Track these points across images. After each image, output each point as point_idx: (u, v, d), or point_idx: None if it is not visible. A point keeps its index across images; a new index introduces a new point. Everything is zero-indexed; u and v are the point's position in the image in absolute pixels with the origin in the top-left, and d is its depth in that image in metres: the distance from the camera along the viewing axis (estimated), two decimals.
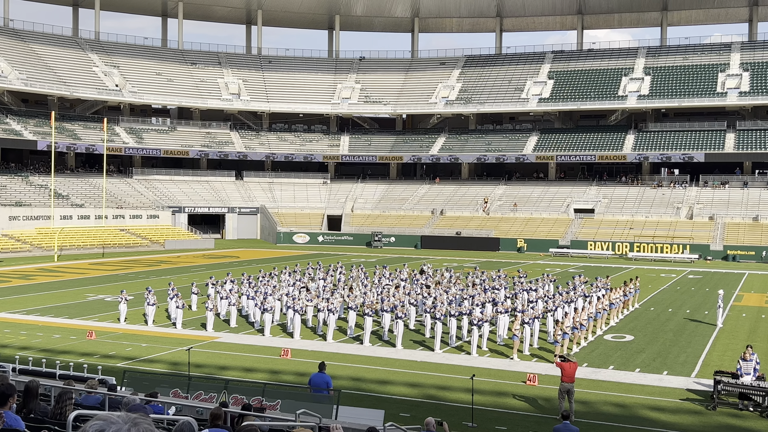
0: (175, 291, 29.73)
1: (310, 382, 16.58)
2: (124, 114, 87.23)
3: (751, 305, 35.00)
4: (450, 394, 19.24)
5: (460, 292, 31.25)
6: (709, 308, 33.56)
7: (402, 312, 25.65)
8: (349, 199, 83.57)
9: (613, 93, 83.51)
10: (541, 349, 24.68)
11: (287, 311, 27.99)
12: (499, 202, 78.71)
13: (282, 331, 27.91)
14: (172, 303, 29.39)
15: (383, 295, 29.32)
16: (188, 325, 28.56)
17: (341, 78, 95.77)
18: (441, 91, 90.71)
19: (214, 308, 28.43)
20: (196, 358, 21.77)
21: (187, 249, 67.24)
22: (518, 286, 33.48)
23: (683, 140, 78.04)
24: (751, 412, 17.80)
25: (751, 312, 32.98)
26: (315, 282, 36.22)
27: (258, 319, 28.40)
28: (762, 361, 21.97)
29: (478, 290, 31.29)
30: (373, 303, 27.58)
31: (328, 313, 26.47)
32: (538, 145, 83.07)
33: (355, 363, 22.64)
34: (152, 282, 42.31)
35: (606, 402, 18.70)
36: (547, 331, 26.21)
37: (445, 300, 28.73)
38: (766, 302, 36.23)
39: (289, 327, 27.53)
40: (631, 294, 33.13)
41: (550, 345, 24.47)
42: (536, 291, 31.75)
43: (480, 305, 27.90)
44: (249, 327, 28.58)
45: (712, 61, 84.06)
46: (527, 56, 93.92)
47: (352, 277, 37.09)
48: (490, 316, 25.81)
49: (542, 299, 29.82)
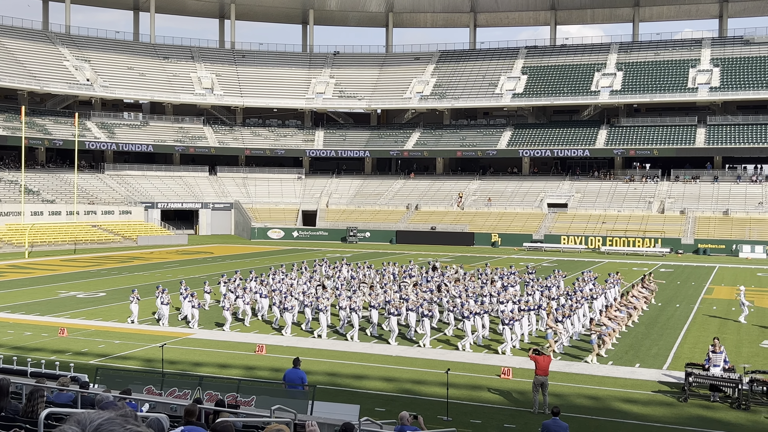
0: (189, 290, 28.96)
1: (285, 377, 16.54)
2: (96, 109, 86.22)
3: (721, 298, 35.50)
4: (425, 388, 19.31)
5: (479, 290, 30.38)
6: (680, 301, 34.01)
7: (428, 310, 24.98)
8: (324, 194, 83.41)
9: (586, 88, 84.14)
10: (573, 347, 24.16)
11: (304, 310, 27.33)
12: (473, 197, 79.02)
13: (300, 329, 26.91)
14: (186, 303, 28.36)
15: (402, 293, 28.57)
16: (203, 326, 27.43)
17: (315, 73, 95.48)
18: (415, 86, 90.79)
19: (232, 308, 27.45)
20: (169, 355, 21.62)
21: (160, 245, 66.73)
22: (535, 283, 32.22)
23: (655, 135, 78.88)
24: (721, 403, 18.07)
25: (721, 305, 33.45)
26: (331, 280, 35.22)
27: (277, 318, 27.39)
28: (732, 353, 22.33)
29: (497, 287, 30.51)
30: (398, 302, 26.49)
31: (351, 312, 25.67)
32: (512, 140, 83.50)
33: (331, 358, 22.61)
34: (125, 279, 41.94)
35: (579, 394, 18.87)
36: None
37: (471, 299, 27.79)
38: (736, 296, 36.76)
39: (306, 326, 26.77)
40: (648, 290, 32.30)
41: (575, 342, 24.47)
42: (557, 288, 31.13)
43: (504, 303, 26.98)
44: (265, 326, 27.70)
45: (683, 56, 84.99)
46: (501, 52, 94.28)
47: (364, 274, 36.19)
48: (520, 315, 24.63)
49: (563, 296, 29.16)
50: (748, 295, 31.23)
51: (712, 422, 16.71)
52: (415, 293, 28.63)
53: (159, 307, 28.01)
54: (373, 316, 26.31)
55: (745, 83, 78.26)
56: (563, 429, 13.15)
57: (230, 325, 26.84)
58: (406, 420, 12.39)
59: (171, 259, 53.68)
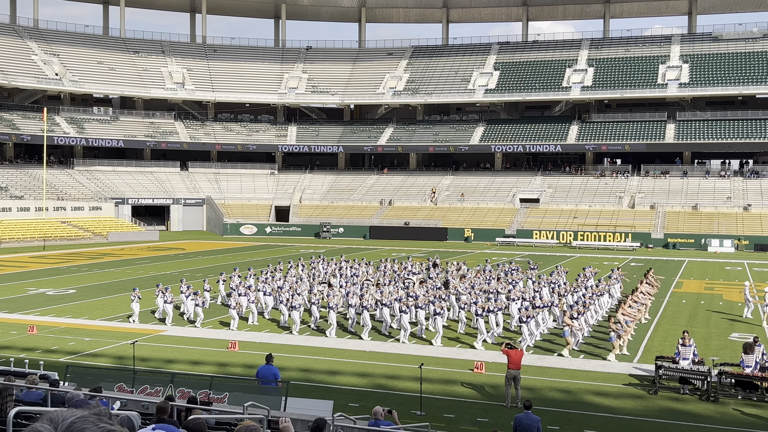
0: (191, 288, 28.47)
1: (258, 374, 16.47)
2: (65, 103, 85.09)
3: (690, 291, 35.97)
4: (399, 383, 19.34)
5: (487, 286, 30.11)
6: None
7: (439, 308, 24.59)
8: (297, 189, 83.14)
9: (558, 84, 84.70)
10: (586, 343, 24.02)
11: (311, 308, 26.92)
12: (446, 193, 79.25)
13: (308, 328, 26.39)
14: (188, 301, 27.75)
15: (410, 291, 28.32)
16: (206, 325, 27.03)
17: (288, 67, 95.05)
18: (389, 81, 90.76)
19: (237, 306, 26.92)
20: (141, 352, 21.43)
21: (131, 241, 66.08)
22: (542, 279, 31.86)
23: (625, 131, 79.66)
24: (690, 395, 18.33)
25: (690, 298, 33.89)
26: (337, 278, 34.55)
27: (285, 317, 26.85)
28: (702, 346, 22.64)
29: (503, 284, 30.27)
30: (407, 299, 26.14)
31: (363, 310, 25.23)
32: (485, 135, 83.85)
33: (304, 354, 22.57)
34: (96, 276, 41.49)
35: (551, 388, 19.03)
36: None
37: (483, 296, 27.56)
38: (704, 288, 37.29)
39: (313, 324, 26.34)
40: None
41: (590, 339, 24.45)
42: (565, 284, 30.97)
43: (515, 300, 26.81)
44: (271, 325, 27.27)
45: (653, 53, 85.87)
46: (474, 47, 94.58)
47: (365, 272, 35.67)
48: (535, 312, 24.21)
49: (572, 293, 28.89)
50: (719, 288, 31.64)
51: (682, 414, 16.94)
52: (424, 291, 28.33)
53: (161, 306, 27.34)
54: (384, 315, 25.78)
55: (714, 79, 79.29)
56: (535, 422, 13.24)
57: (237, 325, 26.29)
58: (379, 415, 12.41)
59: (142, 256, 53.17)
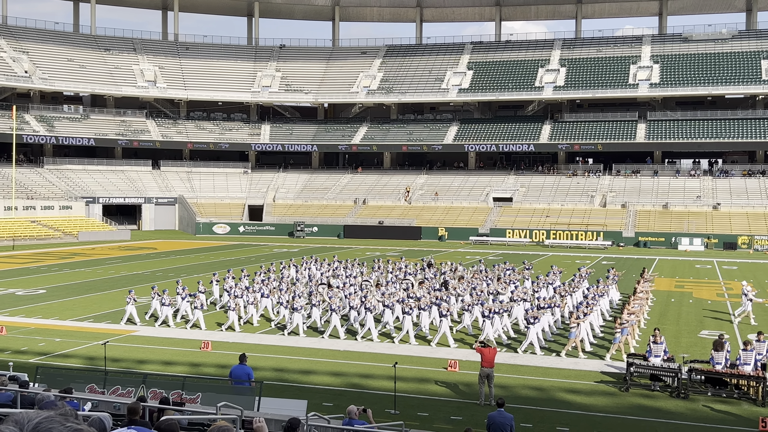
0: (188, 290, 28.09)
1: (231, 374, 16.38)
2: (34, 101, 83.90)
3: (661, 290, 36.35)
4: (373, 382, 19.34)
5: (486, 287, 29.88)
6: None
7: (446, 310, 24.33)
8: (271, 188, 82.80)
9: (530, 84, 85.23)
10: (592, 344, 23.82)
11: (312, 310, 26.61)
12: (420, 192, 79.42)
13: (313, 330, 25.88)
14: (184, 304, 27.31)
15: (410, 292, 28.11)
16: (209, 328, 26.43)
17: (261, 66, 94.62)
18: (362, 80, 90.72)
19: (237, 308, 26.53)
20: (112, 353, 21.21)
21: (102, 240, 65.37)
22: (540, 280, 31.65)
23: (597, 130, 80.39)
24: (661, 392, 18.54)
25: (660, 296, 34.27)
26: (336, 279, 33.87)
27: (287, 319, 26.34)
28: (672, 344, 22.91)
29: (503, 285, 30.12)
30: (409, 301, 25.78)
31: (366, 311, 24.92)
32: (458, 134, 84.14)
33: (278, 354, 22.48)
34: (66, 275, 40.99)
35: (524, 386, 19.14)
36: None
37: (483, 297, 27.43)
38: (675, 287, 37.75)
39: (320, 324, 26.11)
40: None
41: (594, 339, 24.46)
42: (564, 285, 30.81)
43: (517, 301, 26.66)
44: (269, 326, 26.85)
45: (624, 53, 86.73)
46: (447, 47, 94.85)
47: (360, 272, 35.19)
48: (540, 313, 23.90)
49: (570, 294, 28.80)
50: (690, 286, 31.93)
51: (653, 411, 17.13)
52: (427, 292, 28.16)
53: (158, 308, 26.86)
54: (386, 316, 25.47)
55: (684, 80, 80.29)
56: (508, 420, 13.30)
57: (229, 325, 25.94)
58: (354, 414, 12.40)
59: (113, 256, 52.62)
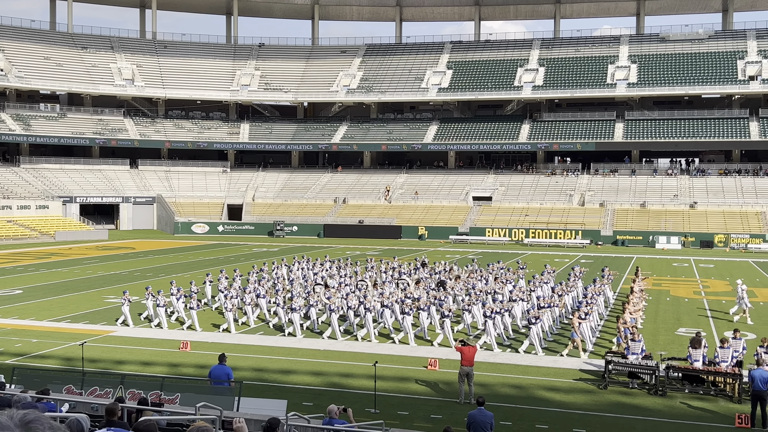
0: (182, 291, 27.69)
1: (210, 374, 16.30)
2: (10, 100, 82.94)
3: None
4: (353, 381, 19.32)
5: (484, 287, 29.69)
6: None
7: (447, 310, 24.21)
8: (250, 188, 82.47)
9: (509, 83, 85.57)
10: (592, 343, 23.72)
11: (309, 310, 26.32)
12: (400, 191, 79.48)
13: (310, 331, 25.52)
14: (179, 304, 26.81)
15: (407, 292, 27.99)
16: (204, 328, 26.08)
17: (240, 64, 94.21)
18: (342, 79, 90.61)
19: (233, 309, 26.11)
20: (90, 353, 21.01)
21: (80, 240, 64.78)
22: (536, 279, 31.56)
23: (575, 130, 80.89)
24: (639, 389, 18.69)
25: None
26: (333, 279, 33.40)
27: (284, 320, 25.91)
28: (650, 341, 23.10)
29: (499, 284, 29.97)
30: (411, 301, 25.58)
31: (365, 312, 24.68)
32: (438, 134, 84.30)
33: (258, 354, 22.40)
34: (43, 276, 40.58)
35: (504, 384, 19.21)
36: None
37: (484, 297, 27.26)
38: (653, 285, 38.03)
39: (316, 327, 25.72)
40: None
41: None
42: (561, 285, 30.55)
43: (515, 301, 26.58)
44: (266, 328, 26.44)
45: (602, 53, 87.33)
46: (427, 46, 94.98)
47: (355, 272, 34.91)
48: (541, 313, 23.81)
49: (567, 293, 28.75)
50: (667, 284, 32.19)
51: (631, 408, 17.26)
52: (426, 292, 28.07)
53: (153, 309, 26.49)
54: (385, 317, 25.17)
55: (661, 79, 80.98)
56: (488, 418, 13.34)
57: (226, 327, 25.60)
58: (334, 413, 12.38)
59: (90, 255, 52.15)
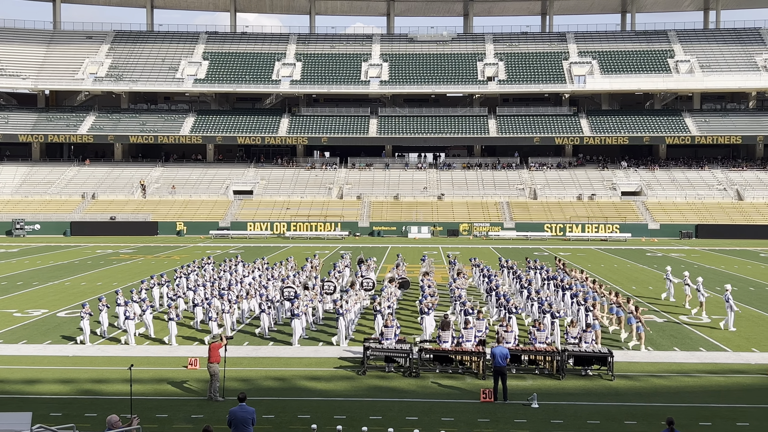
0: (147, 301, 24.61)
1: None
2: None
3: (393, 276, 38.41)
4: (107, 386, 18.31)
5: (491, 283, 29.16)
6: None
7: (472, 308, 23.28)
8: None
9: (268, 77, 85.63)
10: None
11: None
12: (156, 185, 76.47)
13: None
14: (147, 315, 23.71)
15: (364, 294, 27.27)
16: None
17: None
18: (89, 66, 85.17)
19: (219, 318, 23.61)
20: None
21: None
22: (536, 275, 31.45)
23: (333, 124, 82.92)
24: (395, 372, 19.64)
25: None
26: (312, 280, 30.86)
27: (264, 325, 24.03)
28: (404, 326, 24.31)
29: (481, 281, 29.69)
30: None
31: (339, 316, 23.19)
32: (196, 126, 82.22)
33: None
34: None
35: (267, 377, 19.25)
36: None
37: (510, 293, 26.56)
38: (407, 272, 40.04)
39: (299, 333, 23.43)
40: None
41: None
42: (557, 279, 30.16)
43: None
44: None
45: (356, 50, 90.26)
46: (181, 35, 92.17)
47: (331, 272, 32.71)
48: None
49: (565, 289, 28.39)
50: (417, 271, 33.85)
51: (387, 391, 18.09)
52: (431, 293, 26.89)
53: (123, 321, 23.64)
54: (377, 323, 23.58)
55: (411, 78, 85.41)
56: (250, 414, 13.32)
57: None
58: (112, 424, 11.70)
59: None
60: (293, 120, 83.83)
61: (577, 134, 79.92)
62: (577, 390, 18.16)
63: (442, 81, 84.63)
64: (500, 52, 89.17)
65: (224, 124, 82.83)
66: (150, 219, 68.42)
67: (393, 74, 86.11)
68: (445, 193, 74.74)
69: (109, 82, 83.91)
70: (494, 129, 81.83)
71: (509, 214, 69.66)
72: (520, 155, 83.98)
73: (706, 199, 72.21)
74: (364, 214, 70.00)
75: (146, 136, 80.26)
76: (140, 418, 15.38)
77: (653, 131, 79.72)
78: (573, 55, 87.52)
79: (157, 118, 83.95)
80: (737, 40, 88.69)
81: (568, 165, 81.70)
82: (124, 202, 72.46)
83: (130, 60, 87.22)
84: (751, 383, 18.85)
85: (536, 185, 75.89)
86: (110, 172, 79.30)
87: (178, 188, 75.46)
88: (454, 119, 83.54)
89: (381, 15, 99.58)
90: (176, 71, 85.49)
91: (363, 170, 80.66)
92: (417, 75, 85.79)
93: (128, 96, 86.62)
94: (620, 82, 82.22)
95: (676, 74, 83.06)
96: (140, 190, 74.87)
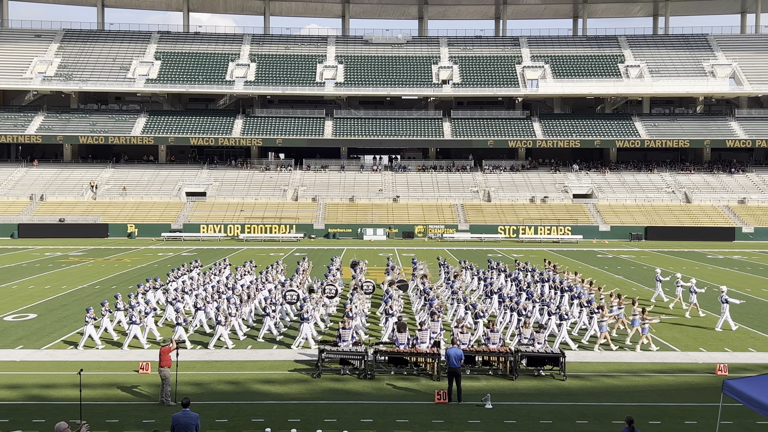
0: (151, 304, 24.10)
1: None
2: None
3: (346, 278, 38.39)
4: (56, 392, 17.92)
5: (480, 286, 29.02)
6: None
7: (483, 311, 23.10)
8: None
9: (221, 78, 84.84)
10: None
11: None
12: (106, 186, 75.14)
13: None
14: (148, 319, 23.21)
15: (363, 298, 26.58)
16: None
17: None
18: (37, 65, 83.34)
19: (228, 323, 23.03)
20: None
21: None
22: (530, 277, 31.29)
23: (288, 126, 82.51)
24: (350, 375, 19.61)
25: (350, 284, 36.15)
26: (315, 284, 30.15)
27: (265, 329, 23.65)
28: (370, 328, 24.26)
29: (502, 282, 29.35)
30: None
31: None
32: (147, 126, 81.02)
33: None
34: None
35: (220, 381, 19.05)
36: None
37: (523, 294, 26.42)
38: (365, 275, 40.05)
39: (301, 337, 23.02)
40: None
41: None
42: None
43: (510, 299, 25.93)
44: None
45: (311, 52, 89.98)
46: (133, 34, 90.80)
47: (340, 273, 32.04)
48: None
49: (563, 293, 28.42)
50: (374, 273, 33.91)
51: (342, 393, 18.05)
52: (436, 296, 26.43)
53: (126, 326, 23.17)
54: (388, 325, 23.34)
55: (366, 80, 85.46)
56: (193, 419, 13.12)
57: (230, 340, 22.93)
58: (62, 431, 11.43)
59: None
60: (247, 121, 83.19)
61: (530, 137, 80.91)
62: (530, 390, 18.39)
63: (398, 83, 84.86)
64: (455, 55, 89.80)
65: (177, 124, 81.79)
66: (100, 221, 67.20)
67: (348, 76, 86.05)
68: (400, 195, 74.94)
69: (59, 81, 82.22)
70: (449, 132, 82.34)
71: (463, 216, 70.16)
72: (474, 158, 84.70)
73: (655, 201, 73.74)
74: (319, 216, 69.78)
75: (96, 136, 78.82)
76: (90, 424, 15.10)
77: (604, 135, 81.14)
78: (526, 59, 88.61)
79: (108, 119, 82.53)
80: (686, 46, 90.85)
81: (521, 168, 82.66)
82: (74, 204, 71.04)
83: (80, 59, 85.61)
84: (699, 382, 19.29)
85: (490, 188, 76.61)
86: (59, 173, 77.69)
87: (130, 190, 74.26)
88: (409, 122, 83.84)
89: (336, 17, 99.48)
90: (128, 71, 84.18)
91: (318, 172, 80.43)
92: (372, 77, 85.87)
93: (78, 96, 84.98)
94: (572, 87, 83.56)
95: (626, 79, 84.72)
96: (90, 192, 73.52)
